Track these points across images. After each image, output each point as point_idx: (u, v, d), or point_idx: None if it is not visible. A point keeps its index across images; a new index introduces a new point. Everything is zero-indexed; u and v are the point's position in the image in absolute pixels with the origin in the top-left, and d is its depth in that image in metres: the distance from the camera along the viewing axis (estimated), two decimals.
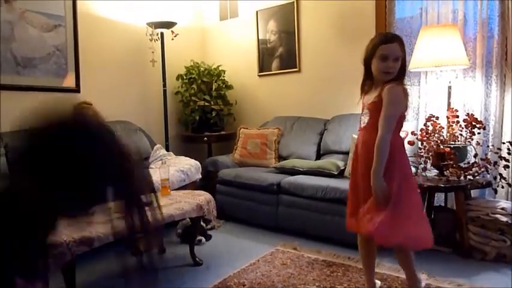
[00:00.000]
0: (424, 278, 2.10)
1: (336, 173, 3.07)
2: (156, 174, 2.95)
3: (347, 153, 3.24)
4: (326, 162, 3.22)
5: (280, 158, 3.73)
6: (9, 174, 0.87)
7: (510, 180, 2.76)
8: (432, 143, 2.69)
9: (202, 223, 2.88)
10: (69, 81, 3.49)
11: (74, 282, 1.88)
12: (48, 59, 3.33)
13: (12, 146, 2.86)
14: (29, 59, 3.20)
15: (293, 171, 3.25)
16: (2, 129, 2.97)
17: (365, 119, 1.89)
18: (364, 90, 1.96)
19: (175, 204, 2.40)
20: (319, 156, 3.58)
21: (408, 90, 1.98)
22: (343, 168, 3.15)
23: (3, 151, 2.86)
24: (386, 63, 1.78)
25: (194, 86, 4.24)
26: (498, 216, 2.48)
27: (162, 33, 3.95)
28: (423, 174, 2.77)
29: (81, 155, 0.78)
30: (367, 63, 1.87)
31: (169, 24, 3.88)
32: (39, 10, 3.25)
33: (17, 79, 3.13)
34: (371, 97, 1.87)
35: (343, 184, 2.80)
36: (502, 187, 2.70)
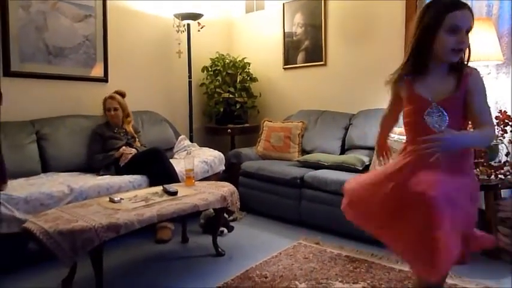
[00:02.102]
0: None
1: (360, 169, 3.03)
2: (181, 164, 3.00)
3: (372, 148, 3.18)
4: (351, 157, 3.18)
5: (304, 152, 3.70)
6: None
7: None
8: None
9: (225, 214, 2.90)
10: (98, 71, 3.56)
11: (101, 267, 1.93)
12: (78, 49, 3.40)
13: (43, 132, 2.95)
14: (61, 48, 3.28)
15: (317, 165, 3.22)
16: (34, 117, 3.06)
17: (440, 121, 1.39)
18: (407, 77, 1.46)
19: (199, 194, 2.41)
20: (343, 151, 3.53)
21: None
22: (368, 163, 3.10)
23: (35, 137, 2.94)
24: (457, 37, 1.34)
25: (219, 78, 4.25)
26: None
27: (188, 25, 3.97)
28: None
29: None
30: (423, 39, 1.39)
31: (196, 16, 3.89)
32: (71, 0, 3.32)
33: (48, 68, 3.22)
34: (429, 88, 1.42)
35: None
36: None
